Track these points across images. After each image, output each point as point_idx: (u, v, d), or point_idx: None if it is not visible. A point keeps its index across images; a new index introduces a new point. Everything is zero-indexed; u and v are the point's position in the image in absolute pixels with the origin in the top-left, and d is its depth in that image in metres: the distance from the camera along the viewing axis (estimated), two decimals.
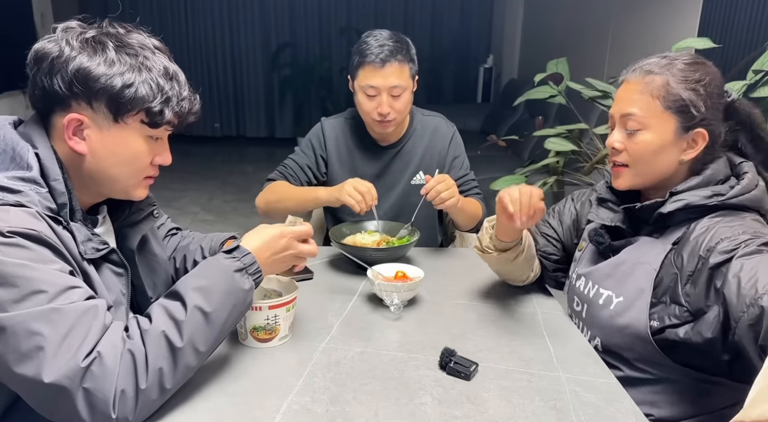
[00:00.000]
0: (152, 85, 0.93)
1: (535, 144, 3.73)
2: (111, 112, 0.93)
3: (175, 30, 6.72)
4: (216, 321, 0.94)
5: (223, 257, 1.00)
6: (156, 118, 0.95)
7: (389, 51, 1.63)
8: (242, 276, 0.99)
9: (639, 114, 1.11)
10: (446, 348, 1.08)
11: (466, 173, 1.87)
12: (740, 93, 2.01)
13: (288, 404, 0.95)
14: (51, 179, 0.91)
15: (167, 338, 0.89)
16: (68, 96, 0.91)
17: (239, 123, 7.22)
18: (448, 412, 0.95)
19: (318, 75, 6.66)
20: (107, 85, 0.90)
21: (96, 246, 0.96)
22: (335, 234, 1.62)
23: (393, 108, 1.67)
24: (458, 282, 1.48)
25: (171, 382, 0.89)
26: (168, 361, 0.88)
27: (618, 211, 1.22)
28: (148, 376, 0.85)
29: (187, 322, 0.91)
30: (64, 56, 0.90)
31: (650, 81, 1.11)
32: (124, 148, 0.96)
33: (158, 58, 0.96)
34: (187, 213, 4.53)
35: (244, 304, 1.00)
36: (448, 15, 6.87)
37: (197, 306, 0.93)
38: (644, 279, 1.12)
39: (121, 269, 1.03)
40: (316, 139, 1.86)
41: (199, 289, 0.95)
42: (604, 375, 1.08)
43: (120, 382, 0.83)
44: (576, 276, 1.30)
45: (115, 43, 0.93)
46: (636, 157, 1.14)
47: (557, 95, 2.52)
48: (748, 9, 2.50)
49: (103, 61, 0.91)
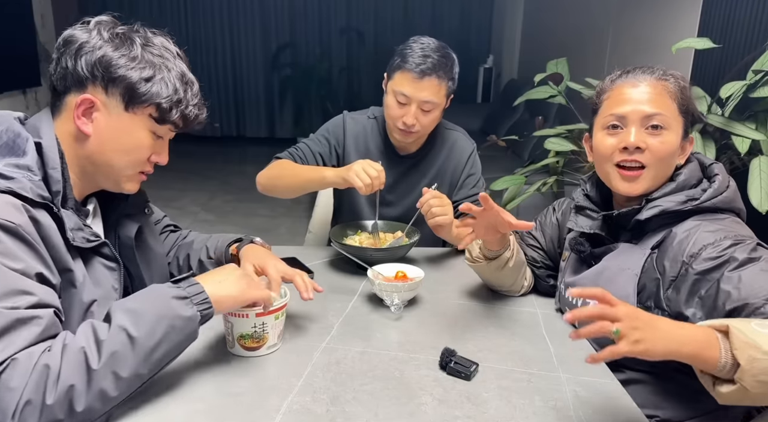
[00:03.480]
0: (168, 85, 0.99)
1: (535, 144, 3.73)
2: (124, 100, 0.97)
3: (175, 30, 6.60)
4: (143, 346, 0.87)
5: (167, 284, 0.96)
6: (165, 115, 1.00)
7: (432, 64, 1.57)
8: (183, 303, 0.93)
9: (665, 114, 1.12)
10: (446, 348, 1.09)
11: (477, 193, 1.79)
12: (740, 93, 2.01)
13: (288, 404, 0.95)
14: (49, 167, 0.94)
15: (85, 356, 0.84)
16: (87, 78, 0.96)
17: (239, 123, 7.22)
18: (448, 412, 0.95)
19: (318, 75, 6.66)
20: (127, 75, 0.96)
21: (87, 237, 0.97)
22: (335, 234, 1.61)
23: (419, 121, 1.62)
24: (458, 282, 1.48)
25: (82, 405, 0.82)
26: (81, 381, 0.82)
27: (596, 219, 1.23)
28: (57, 392, 0.80)
29: (108, 343, 0.85)
30: (92, 43, 0.96)
31: (666, 85, 1.14)
32: (128, 137, 1.00)
33: (179, 63, 1.03)
34: (187, 214, 4.53)
35: (183, 333, 0.92)
36: (448, 15, 6.87)
37: (122, 327, 0.87)
38: (627, 285, 1.13)
39: (113, 263, 1.04)
40: (335, 131, 1.80)
41: (128, 311, 0.89)
42: (604, 375, 1.08)
43: (26, 393, 0.79)
44: (564, 287, 1.31)
45: (141, 41, 0.99)
46: (660, 156, 1.12)
47: (557, 95, 2.52)
48: (748, 9, 2.49)
49: (128, 54, 0.97)
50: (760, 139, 1.92)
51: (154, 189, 1.13)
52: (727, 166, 2.10)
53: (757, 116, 2.02)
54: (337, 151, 1.79)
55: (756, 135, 1.92)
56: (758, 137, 1.91)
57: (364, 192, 1.45)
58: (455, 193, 1.77)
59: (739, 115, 2.05)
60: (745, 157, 1.94)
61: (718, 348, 0.83)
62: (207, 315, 0.96)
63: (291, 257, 1.55)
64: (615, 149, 1.15)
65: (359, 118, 1.82)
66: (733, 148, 1.99)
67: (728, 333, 0.83)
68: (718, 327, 0.86)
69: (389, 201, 1.79)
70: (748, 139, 1.91)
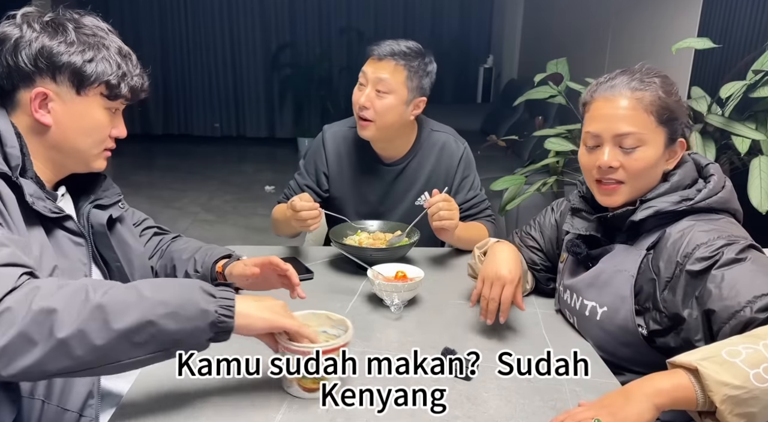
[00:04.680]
0: (110, 62, 1.02)
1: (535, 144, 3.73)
2: (74, 85, 1.00)
3: (175, 30, 6.71)
4: (147, 306, 0.80)
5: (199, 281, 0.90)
6: (114, 90, 1.03)
7: (392, 50, 1.60)
8: (206, 297, 0.85)
9: (637, 131, 1.09)
10: (446, 348, 1.09)
11: (476, 195, 1.77)
12: (740, 93, 2.01)
13: (288, 404, 0.95)
14: (8, 146, 0.96)
15: (86, 289, 0.79)
16: (33, 72, 0.98)
17: (239, 123, 7.21)
18: (448, 412, 0.95)
19: (318, 75, 6.65)
20: (70, 61, 0.98)
21: (50, 207, 0.99)
22: (335, 234, 1.61)
23: (374, 105, 1.60)
24: (458, 282, 1.48)
25: (63, 332, 0.75)
26: (72, 308, 0.76)
27: (592, 220, 1.22)
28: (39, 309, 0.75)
29: (116, 288, 0.82)
30: (27, 37, 0.97)
31: (641, 97, 1.10)
32: (87, 119, 1.03)
33: (113, 38, 1.05)
34: (187, 213, 4.52)
35: (190, 323, 0.82)
36: (448, 15, 6.86)
37: (136, 286, 0.84)
38: (624, 287, 1.13)
39: (79, 238, 1.05)
40: (317, 153, 1.78)
41: (150, 281, 0.89)
42: (604, 375, 1.09)
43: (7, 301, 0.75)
44: (563, 289, 1.30)
45: (73, 25, 1.01)
46: (635, 173, 1.11)
47: (557, 95, 2.52)
48: (748, 9, 2.49)
49: (65, 40, 0.99)
50: (760, 139, 1.92)
51: (155, 189, 1.14)
52: (727, 166, 2.10)
53: (757, 116, 2.02)
54: (324, 173, 1.77)
55: (756, 135, 1.92)
56: (758, 137, 1.91)
57: (314, 228, 1.50)
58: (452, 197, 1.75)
59: (739, 115, 2.05)
60: (745, 157, 1.94)
61: (692, 390, 0.85)
62: (225, 323, 0.85)
63: (291, 257, 1.55)
64: (593, 166, 1.14)
65: (339, 130, 1.79)
66: (733, 148, 1.99)
67: (698, 372, 0.85)
68: (688, 365, 0.87)
69: (380, 212, 1.78)
70: (748, 139, 1.91)
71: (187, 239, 1.36)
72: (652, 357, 1.10)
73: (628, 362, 1.15)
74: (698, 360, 0.85)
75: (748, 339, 0.88)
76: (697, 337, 1.01)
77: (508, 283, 1.16)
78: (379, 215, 1.76)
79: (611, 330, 1.15)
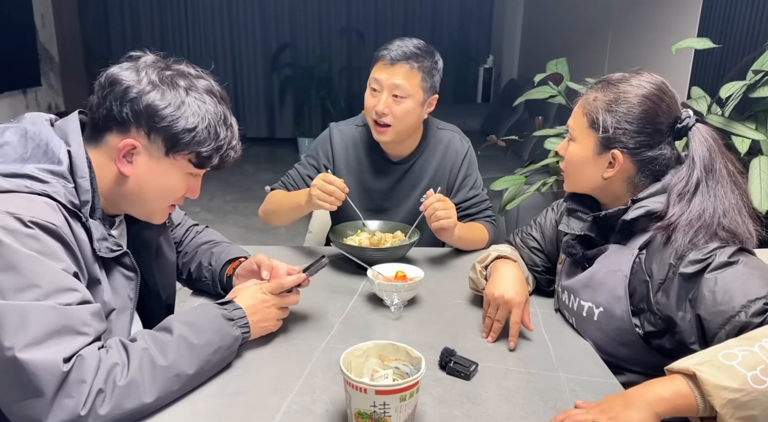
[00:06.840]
0: (210, 132, 1.01)
1: (535, 144, 3.73)
2: (166, 146, 0.99)
3: (175, 30, 6.71)
4: (201, 354, 0.96)
5: (214, 305, 1.05)
6: (204, 162, 1.03)
7: (404, 52, 1.59)
8: (231, 324, 1.03)
9: (572, 126, 1.18)
10: (446, 348, 1.09)
11: (477, 194, 1.77)
12: (740, 93, 2.01)
13: (288, 404, 0.95)
14: (78, 176, 0.95)
15: (150, 355, 0.90)
16: (131, 123, 0.97)
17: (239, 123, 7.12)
18: (448, 412, 0.95)
19: (318, 75, 6.65)
20: (171, 125, 0.97)
21: (110, 247, 0.99)
22: (335, 234, 1.61)
23: (391, 111, 1.61)
24: (458, 282, 1.48)
25: (150, 397, 0.88)
26: (150, 375, 0.89)
27: (587, 220, 1.22)
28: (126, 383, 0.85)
29: (171, 345, 0.93)
30: (138, 88, 0.96)
31: (587, 97, 1.17)
32: (167, 180, 1.03)
33: (221, 108, 1.04)
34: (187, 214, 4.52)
35: (228, 351, 1.02)
36: (448, 15, 6.87)
37: (183, 336, 0.95)
38: (618, 287, 1.13)
39: (131, 273, 1.05)
40: (322, 147, 1.79)
41: (186, 323, 0.98)
42: (604, 375, 1.09)
43: (97, 383, 0.83)
44: (561, 290, 1.31)
45: (186, 84, 1.00)
46: (564, 167, 1.23)
47: (557, 95, 2.51)
48: (748, 9, 2.49)
49: (174, 102, 0.98)
50: (760, 139, 1.92)
51: None
52: None
53: (757, 116, 2.02)
54: (327, 168, 1.76)
55: (756, 135, 1.92)
56: (758, 137, 1.91)
57: (331, 209, 1.50)
58: (453, 195, 1.76)
59: (739, 115, 2.05)
60: (745, 157, 1.94)
61: (692, 396, 0.85)
62: (246, 338, 1.06)
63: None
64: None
65: (346, 129, 1.80)
66: (733, 148, 1.99)
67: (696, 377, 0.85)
68: (686, 371, 0.87)
69: (385, 208, 1.78)
70: (748, 139, 1.91)
71: (211, 231, 1.45)
72: (651, 358, 1.10)
73: (627, 362, 1.15)
74: (695, 365, 0.86)
75: (743, 342, 0.88)
76: (692, 340, 1.02)
77: (516, 306, 1.16)
78: (384, 212, 1.77)
79: (608, 331, 1.15)
